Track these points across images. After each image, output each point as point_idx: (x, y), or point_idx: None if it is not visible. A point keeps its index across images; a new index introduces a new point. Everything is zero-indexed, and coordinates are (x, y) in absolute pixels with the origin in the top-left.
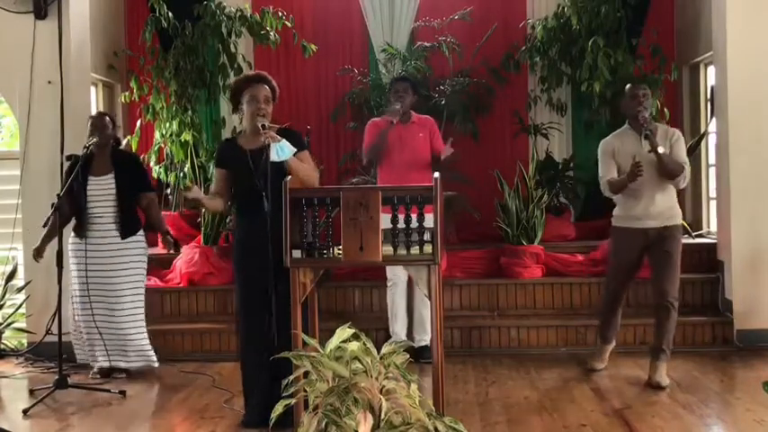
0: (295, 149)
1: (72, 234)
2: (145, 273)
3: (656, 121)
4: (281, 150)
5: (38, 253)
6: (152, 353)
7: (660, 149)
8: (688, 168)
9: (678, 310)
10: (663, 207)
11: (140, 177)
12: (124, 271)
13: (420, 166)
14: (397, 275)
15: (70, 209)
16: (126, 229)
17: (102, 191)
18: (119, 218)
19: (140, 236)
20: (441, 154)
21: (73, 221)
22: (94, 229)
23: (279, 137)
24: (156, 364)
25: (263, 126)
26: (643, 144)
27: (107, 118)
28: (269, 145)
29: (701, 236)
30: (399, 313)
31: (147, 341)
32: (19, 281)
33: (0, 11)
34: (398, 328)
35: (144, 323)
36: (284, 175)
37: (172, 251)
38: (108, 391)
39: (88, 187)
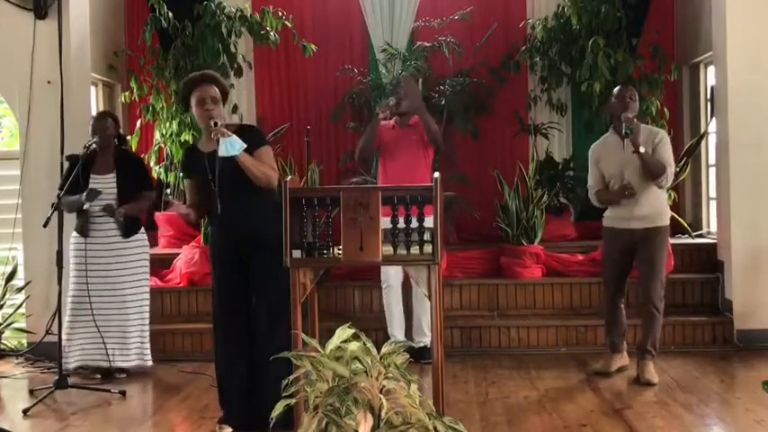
0: (245, 145)
1: (74, 233)
2: (148, 271)
3: (655, 123)
4: (231, 146)
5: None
6: (149, 353)
7: (641, 149)
8: (671, 170)
9: (678, 310)
10: (648, 210)
11: (142, 177)
12: (128, 270)
13: (415, 169)
14: (390, 278)
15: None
16: (128, 229)
17: (103, 189)
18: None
19: (142, 234)
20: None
21: (74, 220)
22: (96, 228)
23: (229, 132)
24: (150, 364)
25: (215, 124)
26: (624, 146)
27: (109, 119)
28: (218, 141)
29: (700, 236)
30: (396, 316)
31: (148, 341)
32: (19, 281)
33: (0, 12)
34: (396, 331)
35: (148, 322)
36: (240, 173)
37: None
38: (108, 391)
39: (90, 185)
